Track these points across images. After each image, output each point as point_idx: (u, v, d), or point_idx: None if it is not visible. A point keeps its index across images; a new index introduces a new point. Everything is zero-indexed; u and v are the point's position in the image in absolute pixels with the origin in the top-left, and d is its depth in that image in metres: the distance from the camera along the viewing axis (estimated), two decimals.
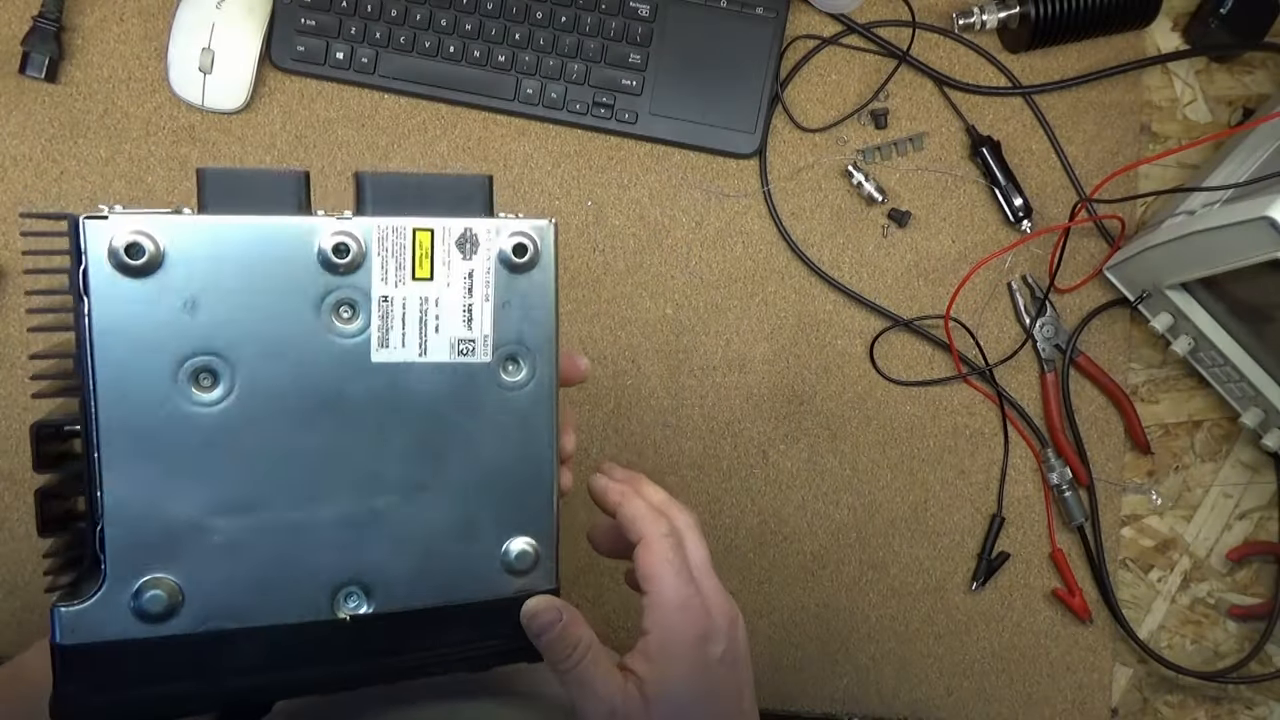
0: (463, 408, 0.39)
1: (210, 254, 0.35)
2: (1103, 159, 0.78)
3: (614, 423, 0.75)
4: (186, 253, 0.34)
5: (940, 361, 0.77)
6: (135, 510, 0.35)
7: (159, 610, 0.35)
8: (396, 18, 0.72)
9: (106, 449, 0.34)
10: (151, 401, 0.35)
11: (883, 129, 0.77)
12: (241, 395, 0.36)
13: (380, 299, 0.37)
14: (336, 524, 0.38)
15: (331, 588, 0.38)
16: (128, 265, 0.33)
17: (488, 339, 0.39)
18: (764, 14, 0.75)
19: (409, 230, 0.37)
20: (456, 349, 0.38)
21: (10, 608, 0.70)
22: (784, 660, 0.76)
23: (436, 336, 0.38)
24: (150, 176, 0.73)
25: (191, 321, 0.35)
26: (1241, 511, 0.79)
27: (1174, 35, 0.79)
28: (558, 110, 0.74)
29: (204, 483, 0.36)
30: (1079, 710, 0.78)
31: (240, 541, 0.36)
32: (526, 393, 0.40)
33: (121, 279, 0.34)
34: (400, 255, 0.37)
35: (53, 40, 0.70)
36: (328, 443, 0.37)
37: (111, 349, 0.34)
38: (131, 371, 0.34)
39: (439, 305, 0.38)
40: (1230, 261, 0.64)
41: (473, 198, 0.39)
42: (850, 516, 0.77)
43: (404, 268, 0.37)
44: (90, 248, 0.33)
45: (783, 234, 0.76)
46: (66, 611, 0.34)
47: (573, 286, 0.75)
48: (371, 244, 0.37)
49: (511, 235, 0.38)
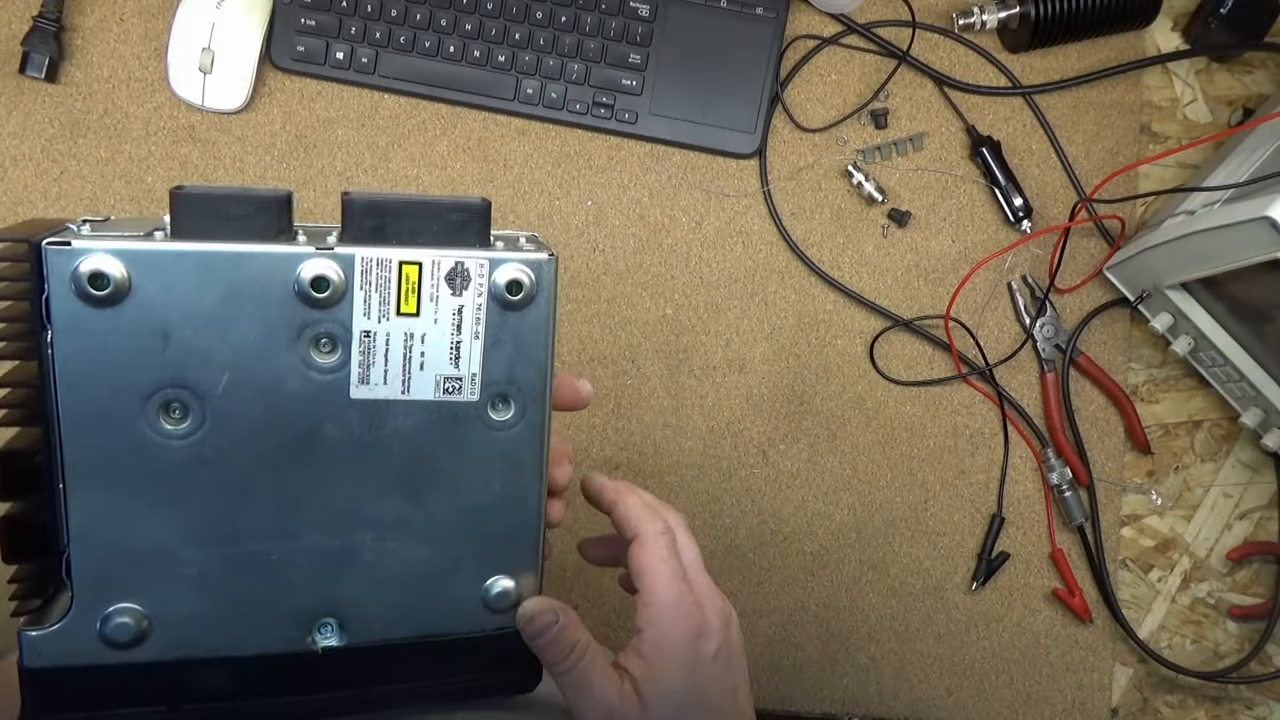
0: (446, 446, 0.37)
1: (181, 283, 0.32)
2: (1103, 159, 0.78)
3: (614, 423, 0.75)
4: (155, 281, 0.32)
5: (940, 361, 0.77)
6: (101, 539, 0.34)
7: (125, 639, 0.35)
8: (396, 18, 0.72)
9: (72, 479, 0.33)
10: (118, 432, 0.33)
11: (883, 129, 0.77)
12: (212, 428, 0.34)
13: (361, 334, 0.35)
14: (311, 558, 0.37)
15: (305, 619, 0.37)
16: (92, 295, 0.31)
17: (475, 377, 0.36)
18: (764, 14, 0.75)
19: (395, 263, 0.34)
20: (442, 387, 0.36)
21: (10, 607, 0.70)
22: (784, 660, 0.76)
23: (421, 374, 0.36)
24: (150, 176, 0.73)
25: (161, 353, 0.33)
26: (1241, 511, 0.79)
27: (1174, 35, 0.79)
28: (558, 110, 0.74)
29: (173, 514, 0.34)
30: (1079, 710, 0.78)
31: (210, 572, 0.35)
32: (514, 433, 0.37)
33: (85, 308, 0.32)
34: (384, 289, 0.34)
35: (53, 40, 0.70)
36: (303, 478, 0.36)
37: (76, 379, 0.32)
38: (97, 402, 0.32)
39: (424, 342, 0.35)
40: (1230, 261, 0.64)
41: (467, 225, 0.35)
42: (850, 516, 0.77)
43: (388, 302, 0.35)
44: (52, 276, 0.31)
45: (783, 234, 0.76)
46: (33, 635, 0.34)
47: (573, 286, 0.75)
48: (354, 276, 0.34)
49: (505, 270, 0.35)
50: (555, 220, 0.75)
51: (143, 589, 0.35)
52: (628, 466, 0.75)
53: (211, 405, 0.34)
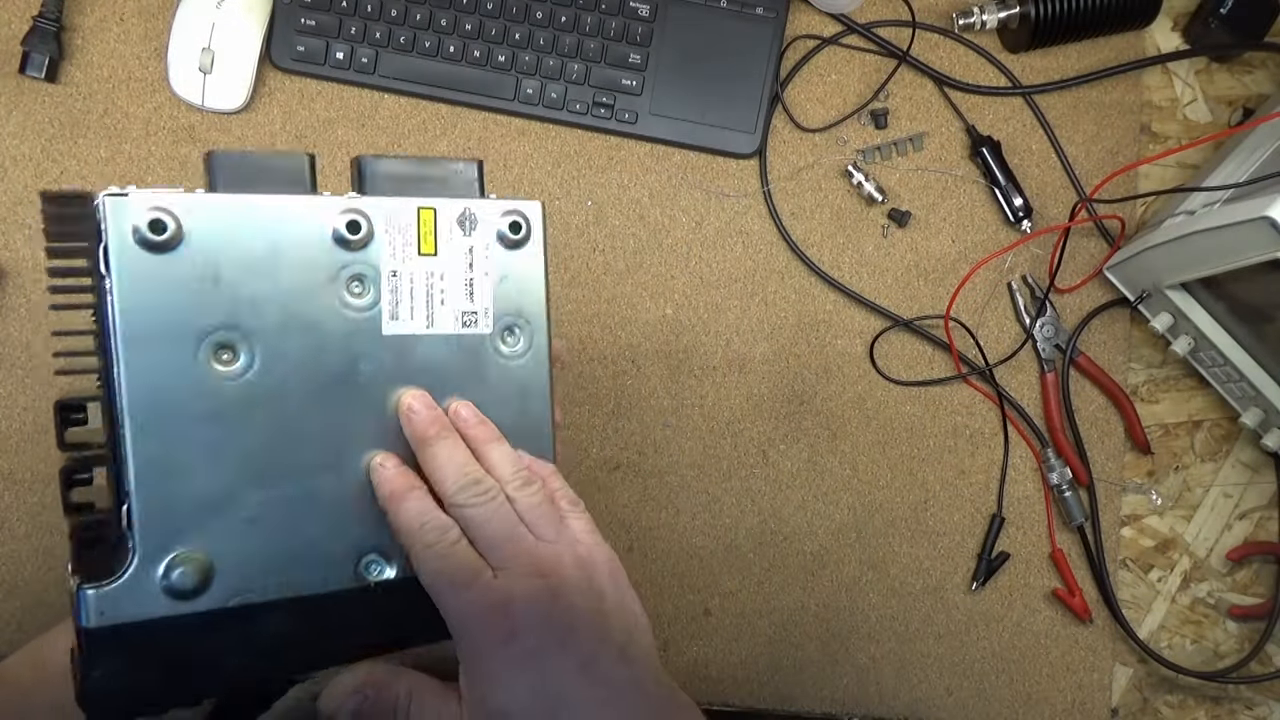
0: (468, 378, 0.41)
1: (229, 230, 0.35)
2: (1103, 159, 0.78)
3: (614, 423, 0.75)
4: (206, 229, 0.35)
5: (940, 361, 0.77)
6: (162, 486, 0.35)
7: (188, 587, 0.35)
8: (396, 18, 0.72)
9: (132, 425, 0.34)
10: (175, 377, 0.35)
11: (883, 129, 0.77)
12: (262, 368, 0.36)
13: (390, 274, 0.39)
14: (358, 493, 0.38)
15: (355, 556, 0.39)
16: (150, 241, 0.34)
17: (488, 311, 0.41)
18: (764, 14, 0.75)
19: (414, 209, 0.39)
20: (461, 320, 0.40)
21: (10, 608, 0.70)
22: (784, 660, 0.76)
23: (442, 309, 0.40)
24: (150, 176, 0.72)
25: (213, 296, 0.35)
26: (1241, 511, 0.79)
27: (1174, 35, 0.79)
28: (558, 110, 0.74)
29: (229, 456, 0.36)
30: (1079, 710, 0.78)
31: (265, 513, 0.37)
32: (524, 363, 0.42)
33: (144, 255, 0.34)
34: (406, 232, 0.39)
35: (53, 40, 0.70)
36: (345, 414, 0.38)
37: (134, 325, 0.34)
38: (155, 348, 0.34)
39: (443, 279, 0.40)
40: (1230, 261, 0.64)
41: (467, 180, 0.41)
42: (850, 516, 0.77)
43: (410, 244, 0.39)
44: (111, 225, 0.33)
45: (783, 234, 0.76)
46: (94, 593, 0.34)
47: (573, 286, 0.75)
48: (379, 221, 0.38)
49: (505, 214, 0.41)
50: (555, 220, 0.75)
51: (203, 534, 0.36)
52: (628, 466, 0.75)
53: (261, 346, 0.36)
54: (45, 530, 0.71)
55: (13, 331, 0.71)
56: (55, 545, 0.71)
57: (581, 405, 0.75)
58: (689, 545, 0.75)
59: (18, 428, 0.71)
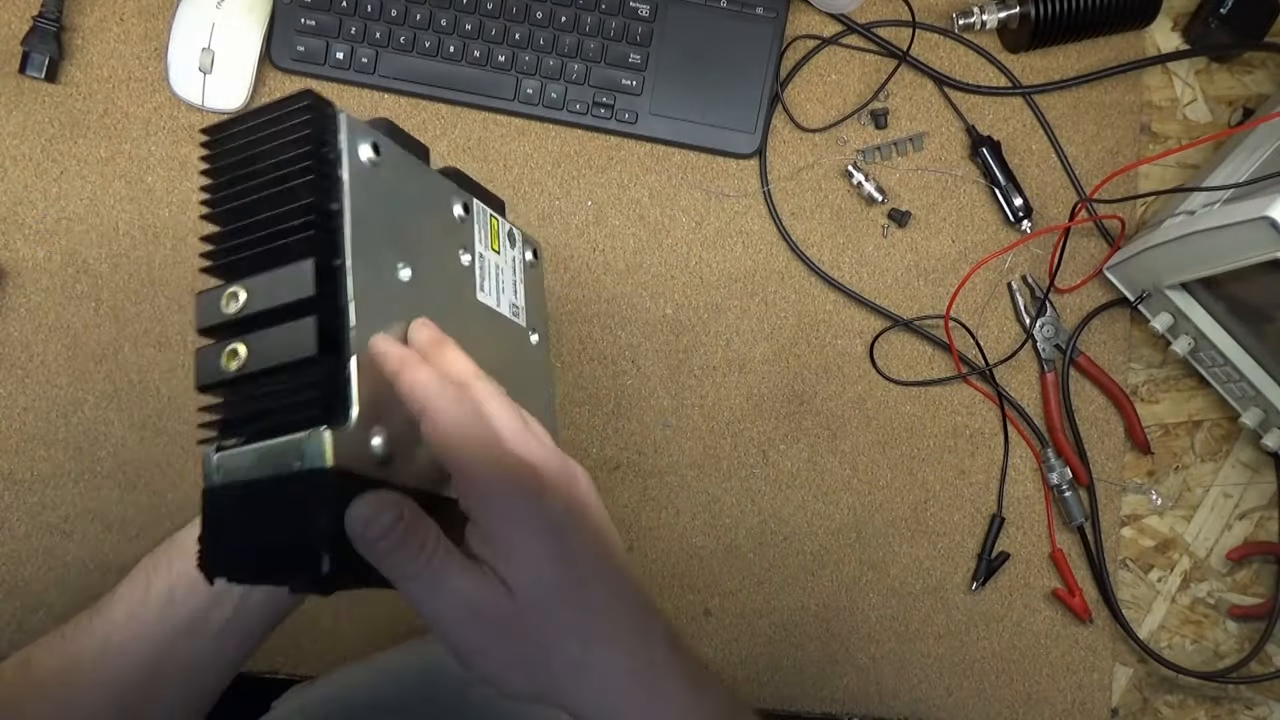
0: (516, 356, 0.50)
1: (404, 174, 0.42)
2: (1103, 159, 0.78)
3: (614, 423, 0.75)
4: (392, 164, 0.42)
5: (940, 361, 0.77)
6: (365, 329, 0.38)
7: (386, 456, 0.37)
8: (396, 18, 0.72)
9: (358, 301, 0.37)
10: (377, 272, 0.40)
11: (883, 129, 0.77)
12: (416, 278, 0.41)
13: (479, 254, 0.48)
14: None
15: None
16: (371, 159, 0.40)
17: (522, 310, 0.51)
18: (764, 14, 0.75)
19: (488, 214, 0.49)
20: (510, 310, 0.50)
21: (10, 608, 0.70)
22: (784, 660, 0.76)
23: (503, 295, 0.49)
24: (150, 176, 0.73)
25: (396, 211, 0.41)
26: (1241, 511, 0.79)
27: (1174, 35, 0.79)
28: (558, 110, 0.74)
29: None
30: (1079, 710, 0.78)
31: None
32: (539, 356, 0.52)
33: (364, 166, 0.40)
34: (484, 229, 0.49)
35: (53, 40, 0.70)
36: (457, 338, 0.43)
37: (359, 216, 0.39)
38: (368, 239, 0.39)
39: (501, 274, 0.49)
40: (1230, 261, 0.64)
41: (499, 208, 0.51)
42: (850, 516, 0.77)
43: (486, 239, 0.49)
44: (348, 137, 0.39)
45: (783, 234, 0.76)
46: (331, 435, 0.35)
47: (573, 286, 0.75)
48: (475, 213, 0.48)
49: (527, 241, 0.53)
50: (555, 220, 0.75)
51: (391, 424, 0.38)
52: (628, 466, 0.75)
53: (420, 263, 0.42)
54: (45, 530, 0.71)
55: (13, 331, 0.71)
56: (55, 545, 0.71)
57: (581, 405, 0.75)
58: (689, 545, 0.75)
59: (18, 428, 0.71)
